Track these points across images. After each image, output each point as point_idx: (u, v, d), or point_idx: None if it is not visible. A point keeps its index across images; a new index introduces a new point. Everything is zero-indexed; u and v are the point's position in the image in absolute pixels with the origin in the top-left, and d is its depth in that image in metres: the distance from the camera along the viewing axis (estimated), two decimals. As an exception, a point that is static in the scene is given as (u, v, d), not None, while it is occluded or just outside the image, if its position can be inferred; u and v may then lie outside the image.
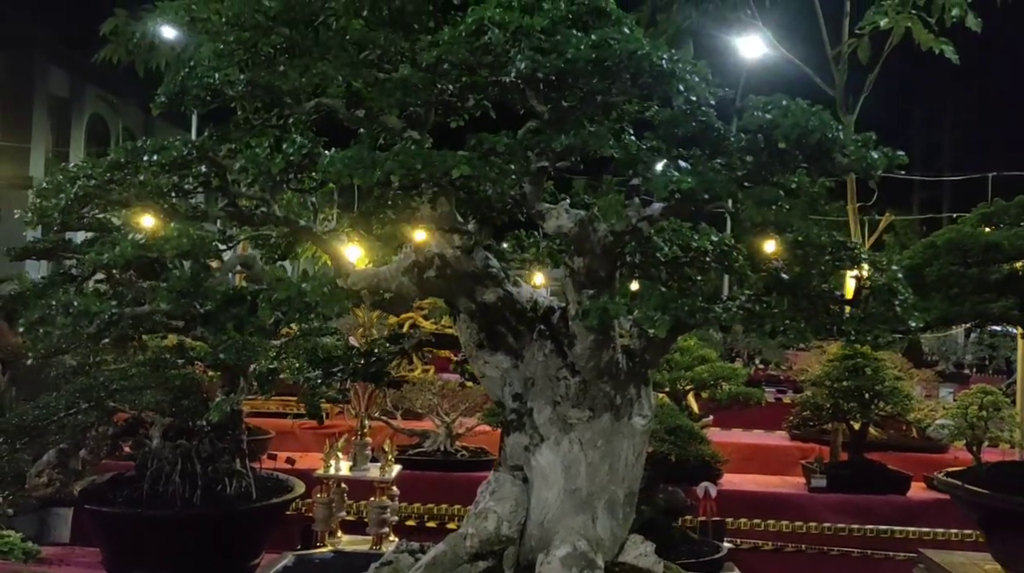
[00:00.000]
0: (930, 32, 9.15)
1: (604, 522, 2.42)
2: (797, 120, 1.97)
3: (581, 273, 2.30)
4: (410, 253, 2.44)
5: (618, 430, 2.43)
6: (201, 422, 4.38)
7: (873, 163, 1.96)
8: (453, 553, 2.45)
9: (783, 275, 2.18)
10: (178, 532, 4.18)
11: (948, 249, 3.59)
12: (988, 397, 8.47)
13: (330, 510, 4.56)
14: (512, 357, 2.54)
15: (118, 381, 4.24)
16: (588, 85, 1.96)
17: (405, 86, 2.09)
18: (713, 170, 2.01)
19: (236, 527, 4.31)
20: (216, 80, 2.26)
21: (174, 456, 4.31)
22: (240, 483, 4.38)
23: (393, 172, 1.88)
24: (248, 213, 2.43)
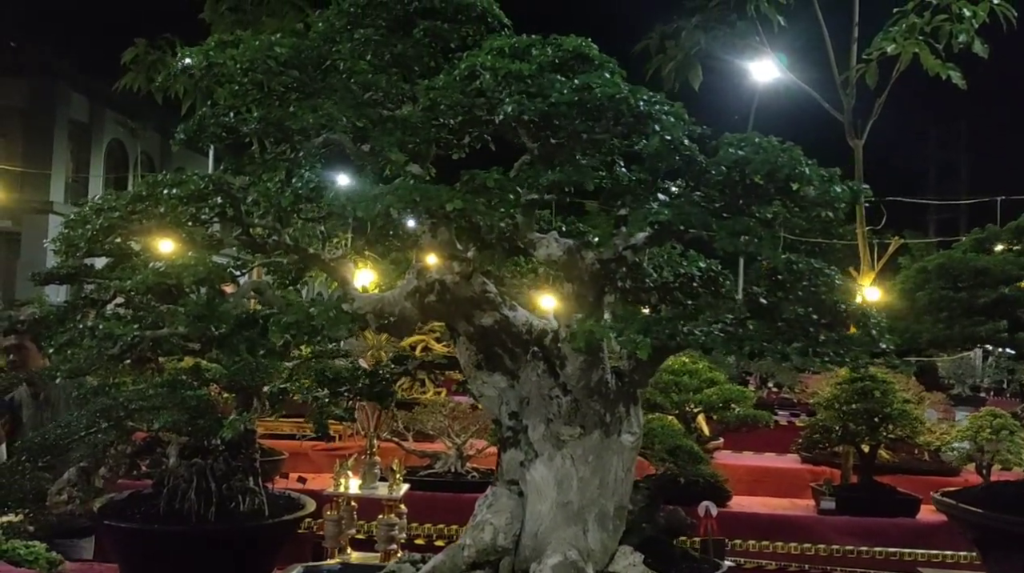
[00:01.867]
0: (937, 58, 9.26)
1: (595, 534, 2.55)
2: (767, 157, 2.11)
3: (570, 298, 2.45)
4: (412, 279, 2.59)
5: (608, 446, 2.56)
6: (216, 441, 4.52)
7: (836, 196, 2.09)
8: (452, 562, 2.58)
9: (762, 300, 2.31)
10: (193, 548, 4.31)
11: (939, 274, 3.70)
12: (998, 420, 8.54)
13: (340, 527, 4.69)
14: (508, 377, 2.68)
15: (137, 401, 4.39)
16: (572, 125, 2.11)
17: (405, 125, 2.25)
18: (690, 202, 2.15)
19: (249, 543, 4.44)
20: (232, 119, 2.43)
21: (190, 474, 4.45)
22: (253, 500, 4.51)
23: (392, 205, 2.03)
24: (261, 241, 2.59)
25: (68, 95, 30.92)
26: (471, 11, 2.53)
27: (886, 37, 9.65)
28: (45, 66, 29.19)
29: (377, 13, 2.51)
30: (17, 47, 28.54)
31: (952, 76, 9.37)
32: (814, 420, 7.62)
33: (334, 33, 2.54)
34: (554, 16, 3.19)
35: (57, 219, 30.53)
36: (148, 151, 35.03)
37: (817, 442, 7.76)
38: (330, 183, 2.24)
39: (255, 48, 2.41)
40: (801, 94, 10.69)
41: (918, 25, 9.63)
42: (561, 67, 2.20)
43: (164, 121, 32.73)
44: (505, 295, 2.65)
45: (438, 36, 2.52)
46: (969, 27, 9.44)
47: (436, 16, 2.52)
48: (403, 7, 2.51)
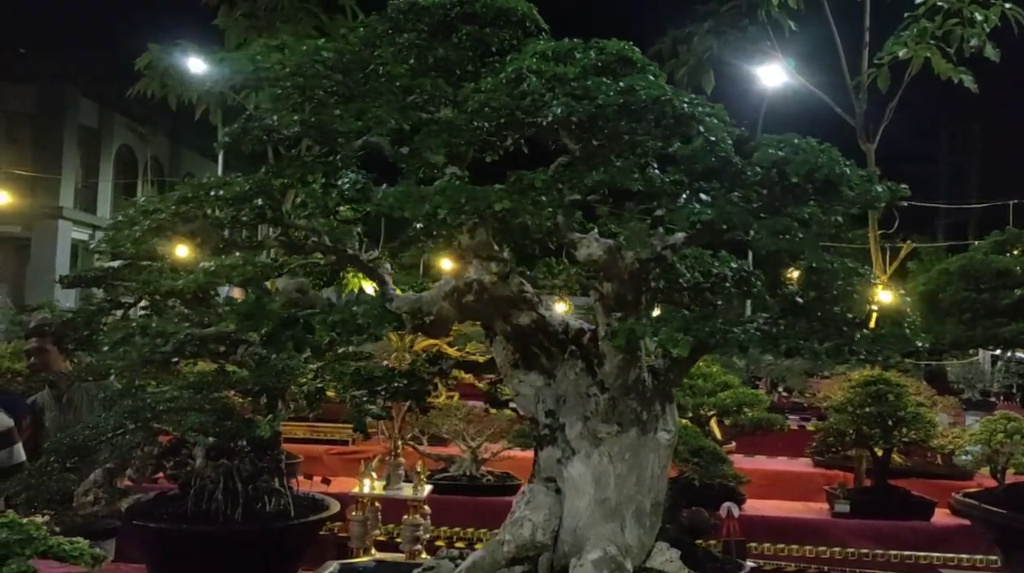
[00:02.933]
0: (949, 62, 9.30)
1: (632, 530, 2.59)
2: (807, 157, 2.15)
3: (610, 297, 2.49)
4: (450, 279, 2.63)
5: (644, 444, 2.60)
6: (241, 442, 4.57)
7: (877, 196, 2.13)
8: (492, 558, 2.62)
9: (798, 299, 2.35)
10: (221, 547, 4.36)
11: (961, 275, 3.74)
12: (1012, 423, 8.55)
13: (365, 527, 4.74)
14: (545, 376, 2.72)
15: (164, 403, 4.44)
16: (617, 127, 2.16)
17: (450, 127, 2.30)
18: (731, 202, 2.19)
19: (275, 543, 4.48)
20: (274, 122, 2.48)
21: (216, 475, 4.49)
22: (279, 501, 4.56)
23: (441, 206, 2.08)
24: (299, 243, 2.64)
25: (77, 100, 31.08)
26: (511, 16, 2.58)
27: (898, 41, 9.69)
28: (55, 72, 29.34)
29: (419, 18, 2.56)
30: (27, 53, 28.71)
31: (964, 80, 9.40)
32: (828, 423, 7.64)
33: (375, 38, 2.59)
34: (567, 21, 3.23)
35: (66, 224, 30.70)
36: (158, 156, 35.18)
37: (831, 445, 7.78)
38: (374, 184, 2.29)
39: (302, 53, 2.47)
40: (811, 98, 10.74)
41: (929, 29, 9.66)
42: (603, 70, 2.25)
43: (174, 126, 32.94)
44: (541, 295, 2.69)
45: (479, 40, 2.57)
46: (981, 31, 9.48)
47: (476, 21, 2.57)
48: (444, 12, 2.56)
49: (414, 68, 2.52)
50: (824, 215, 2.30)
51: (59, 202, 30.31)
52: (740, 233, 2.22)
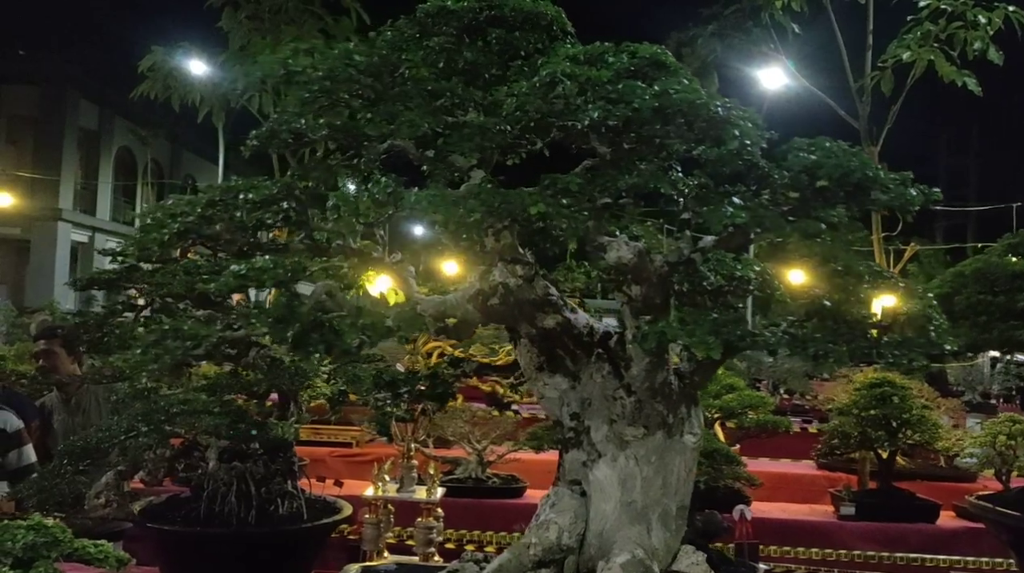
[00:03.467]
0: (952, 65, 9.34)
1: (658, 533, 2.60)
2: (840, 161, 2.16)
3: (638, 300, 2.50)
4: (475, 282, 2.64)
5: (670, 447, 2.61)
6: (254, 445, 4.58)
7: (911, 200, 2.14)
8: (518, 561, 2.62)
9: (825, 302, 2.36)
10: (235, 550, 4.36)
11: (976, 278, 3.75)
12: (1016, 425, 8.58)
13: (378, 530, 4.74)
14: (570, 379, 2.73)
15: (177, 405, 4.44)
16: (651, 131, 2.16)
17: (482, 131, 2.31)
18: (762, 206, 2.20)
19: (289, 546, 4.49)
20: (302, 125, 2.48)
21: (230, 477, 4.50)
22: (292, 504, 4.56)
23: (475, 210, 2.08)
24: (324, 246, 2.64)
25: (78, 102, 31.06)
26: (540, 20, 2.59)
27: (901, 44, 9.73)
28: (55, 74, 29.34)
29: (447, 21, 2.57)
30: (27, 55, 28.70)
31: (968, 83, 9.44)
32: (833, 425, 7.66)
33: (403, 41, 2.59)
34: (570, 23, 3.24)
35: (66, 226, 30.67)
36: (158, 158, 35.17)
37: (836, 447, 7.79)
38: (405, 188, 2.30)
39: (334, 56, 2.47)
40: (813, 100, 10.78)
41: (933, 32, 9.70)
42: (636, 74, 2.26)
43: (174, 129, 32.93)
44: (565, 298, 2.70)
45: (508, 44, 2.58)
46: (984, 34, 9.52)
47: (504, 24, 2.58)
48: (473, 15, 2.57)
49: (442, 71, 2.53)
50: (849, 219, 2.31)
51: (59, 204, 30.29)
52: (771, 236, 2.24)
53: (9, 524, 2.54)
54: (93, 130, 32.54)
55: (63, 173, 30.63)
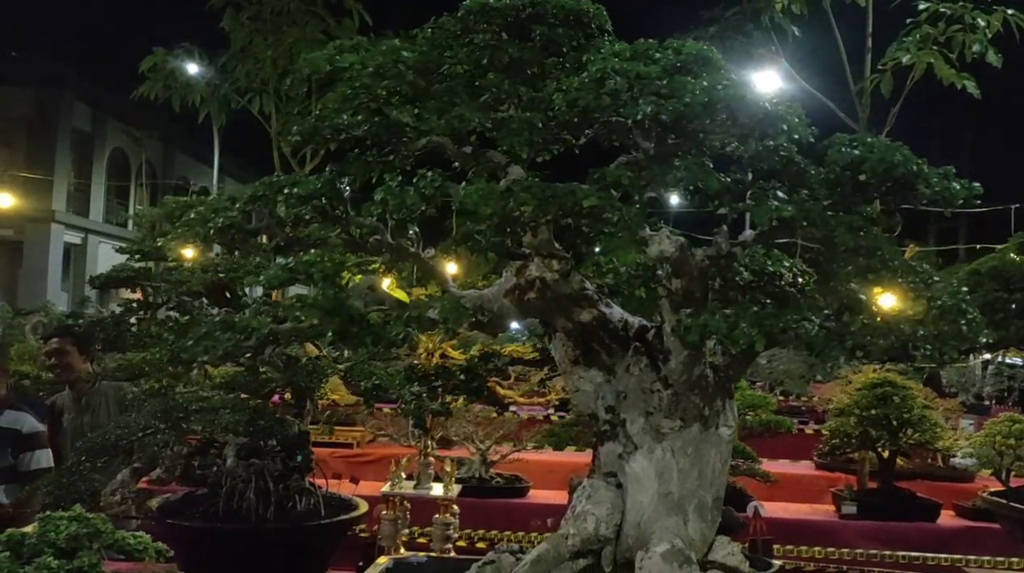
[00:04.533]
0: (951, 67, 9.42)
1: (694, 524, 2.64)
2: (883, 155, 2.20)
3: (678, 294, 2.53)
4: (511, 276, 2.67)
5: (706, 439, 2.65)
6: (271, 442, 4.60)
7: (954, 194, 2.19)
8: (556, 551, 2.66)
9: (860, 296, 2.40)
10: (254, 546, 4.38)
11: (991, 276, 3.80)
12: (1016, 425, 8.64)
13: (396, 526, 4.77)
14: (605, 372, 2.76)
15: (196, 402, 4.46)
16: (699, 125, 2.20)
17: (530, 125, 2.34)
18: (805, 200, 2.24)
19: (307, 542, 4.51)
20: (344, 121, 2.52)
21: (248, 474, 4.52)
22: (309, 501, 4.59)
23: (526, 203, 2.12)
24: (361, 240, 2.67)
25: (71, 104, 30.99)
26: (582, 17, 2.63)
27: (901, 47, 9.81)
28: (49, 75, 29.27)
29: (490, 19, 2.60)
30: (21, 57, 28.63)
31: (967, 85, 9.52)
32: (834, 425, 7.72)
33: (446, 38, 2.63)
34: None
35: (59, 228, 30.60)
36: (151, 160, 35.11)
37: (837, 447, 7.85)
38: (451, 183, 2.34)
39: (383, 52, 2.51)
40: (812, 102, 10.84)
41: (932, 35, 9.78)
42: (681, 70, 2.30)
43: (168, 130, 32.88)
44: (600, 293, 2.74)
45: (550, 41, 2.62)
46: (983, 37, 9.60)
47: (547, 22, 2.61)
48: (516, 13, 2.60)
49: (485, 68, 2.56)
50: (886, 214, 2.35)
51: (52, 205, 30.21)
52: (814, 230, 2.27)
53: (52, 515, 2.56)
54: (86, 131, 32.48)
55: (56, 175, 30.57)
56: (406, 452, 6.27)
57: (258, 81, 11.33)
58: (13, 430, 5.67)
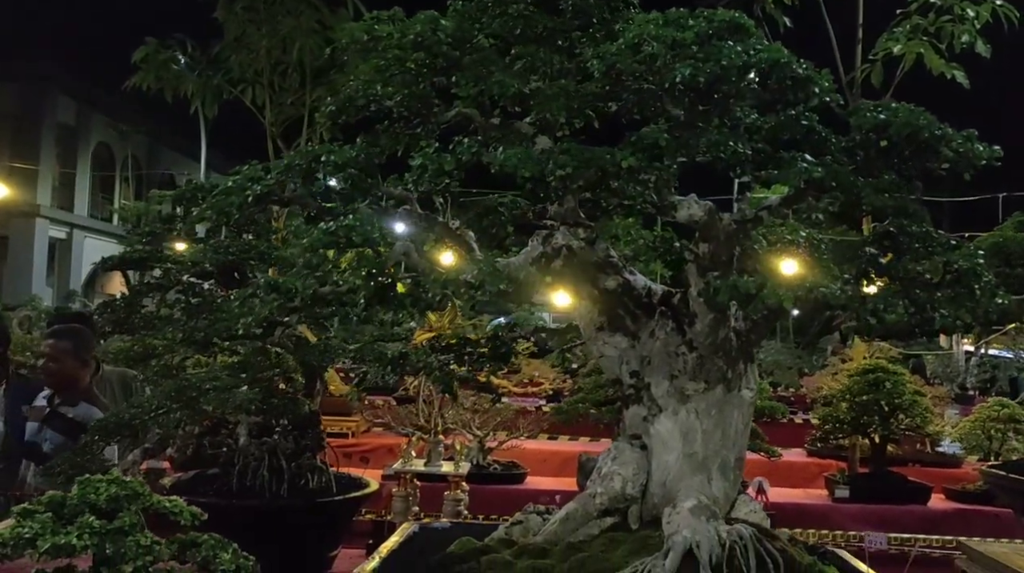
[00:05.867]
0: (941, 58, 9.52)
1: (718, 483, 2.72)
2: (909, 119, 2.28)
3: (705, 258, 2.61)
4: (537, 245, 2.74)
5: (729, 401, 2.73)
6: (283, 421, 4.65)
7: (978, 155, 2.27)
8: (584, 510, 2.74)
9: (880, 260, 2.49)
10: (268, 522, 4.43)
11: (992, 253, 3.89)
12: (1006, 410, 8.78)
13: (407, 503, 4.83)
14: (629, 338, 2.84)
15: (209, 382, 4.50)
16: (734, 89, 2.28)
17: (566, 92, 2.41)
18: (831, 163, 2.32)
19: (320, 518, 4.57)
20: (378, 91, 2.58)
21: (261, 452, 4.57)
22: (320, 478, 4.64)
23: (566, 164, 2.19)
24: (390, 210, 2.73)
25: (56, 98, 30.78)
26: (608, -12, 2.69)
27: (891, 38, 9.90)
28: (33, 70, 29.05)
29: (523, -10, 2.66)
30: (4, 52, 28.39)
31: (956, 76, 9.63)
32: (827, 411, 7.83)
33: (478, 10, 2.69)
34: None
35: (44, 223, 30.41)
36: (136, 154, 34.91)
37: (830, 433, 7.97)
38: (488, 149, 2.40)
39: (423, 21, 2.56)
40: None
41: (922, 26, 9.88)
42: (715, 36, 2.36)
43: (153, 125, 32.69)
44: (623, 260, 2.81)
45: (581, 12, 2.68)
46: (971, 27, 9.71)
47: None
48: (547, -17, 2.67)
49: (519, 38, 2.63)
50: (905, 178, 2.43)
51: (36, 200, 30.01)
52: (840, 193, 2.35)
53: (91, 479, 2.61)
54: (71, 126, 32.26)
55: (41, 169, 30.36)
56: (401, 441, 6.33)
57: (251, 71, 11.29)
58: (81, 424, 5.57)
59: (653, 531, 2.60)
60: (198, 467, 5.04)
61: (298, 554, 4.53)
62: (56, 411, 5.72)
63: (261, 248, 4.60)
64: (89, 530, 2.47)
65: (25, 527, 2.44)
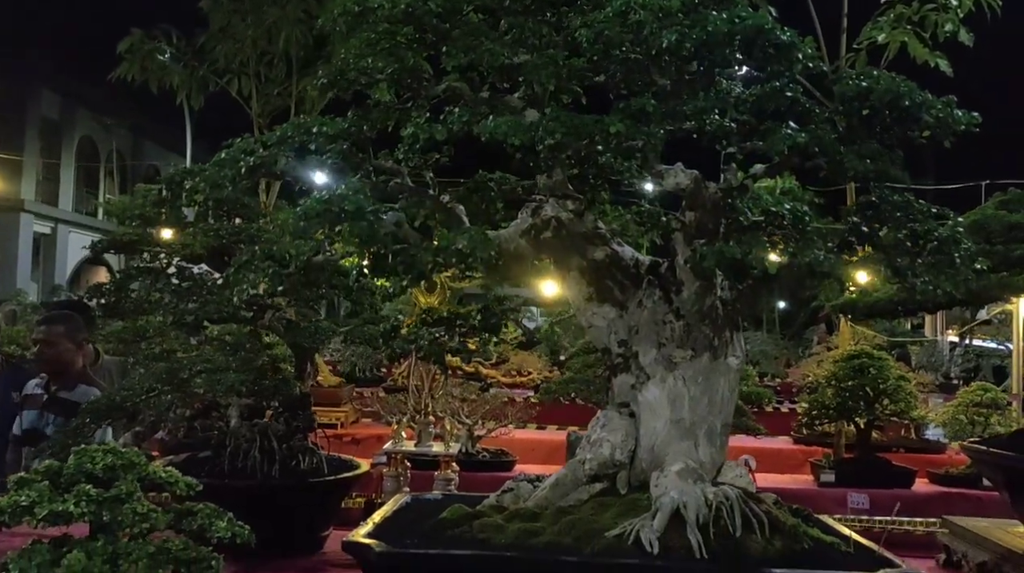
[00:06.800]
0: (925, 46, 9.60)
1: (705, 448, 2.77)
2: (889, 86, 2.34)
3: (692, 226, 2.66)
4: (527, 217, 2.78)
5: (715, 368, 2.78)
6: (274, 403, 4.68)
7: (957, 121, 2.33)
8: (573, 476, 2.78)
9: (863, 228, 2.54)
10: (260, 502, 4.45)
11: (974, 230, 3.95)
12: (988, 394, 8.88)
13: (398, 483, 4.87)
14: (618, 308, 2.89)
15: (200, 363, 4.52)
16: (719, 56, 2.32)
17: (555, 63, 2.45)
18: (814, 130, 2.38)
19: (312, 498, 4.59)
20: (369, 64, 2.61)
21: (252, 434, 4.59)
22: (312, 459, 4.67)
23: (555, 131, 2.23)
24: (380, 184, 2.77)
25: (39, 92, 30.60)
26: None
27: (875, 26, 9.97)
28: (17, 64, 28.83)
29: (509, -39, 2.69)
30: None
31: (940, 64, 9.71)
32: (813, 397, 7.91)
33: (465, -18, 2.72)
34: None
35: (28, 217, 30.22)
36: (120, 148, 34.72)
37: (816, 418, 8.06)
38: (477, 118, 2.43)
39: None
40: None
41: (906, 14, 9.96)
42: (700, 5, 2.41)
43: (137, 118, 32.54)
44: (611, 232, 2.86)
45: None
46: (955, 16, 9.79)
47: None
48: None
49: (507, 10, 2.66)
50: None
51: (21, 194, 29.84)
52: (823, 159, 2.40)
53: (87, 448, 2.63)
54: (54, 120, 32.07)
55: (24, 164, 30.18)
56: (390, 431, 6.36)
57: (237, 62, 11.26)
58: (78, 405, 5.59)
59: (641, 494, 2.65)
60: (189, 450, 5.06)
61: (290, 533, 4.56)
62: (55, 397, 5.76)
63: (251, 231, 4.63)
64: (86, 498, 2.50)
65: (23, 495, 2.47)
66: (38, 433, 5.62)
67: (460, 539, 2.55)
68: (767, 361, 16.50)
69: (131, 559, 2.47)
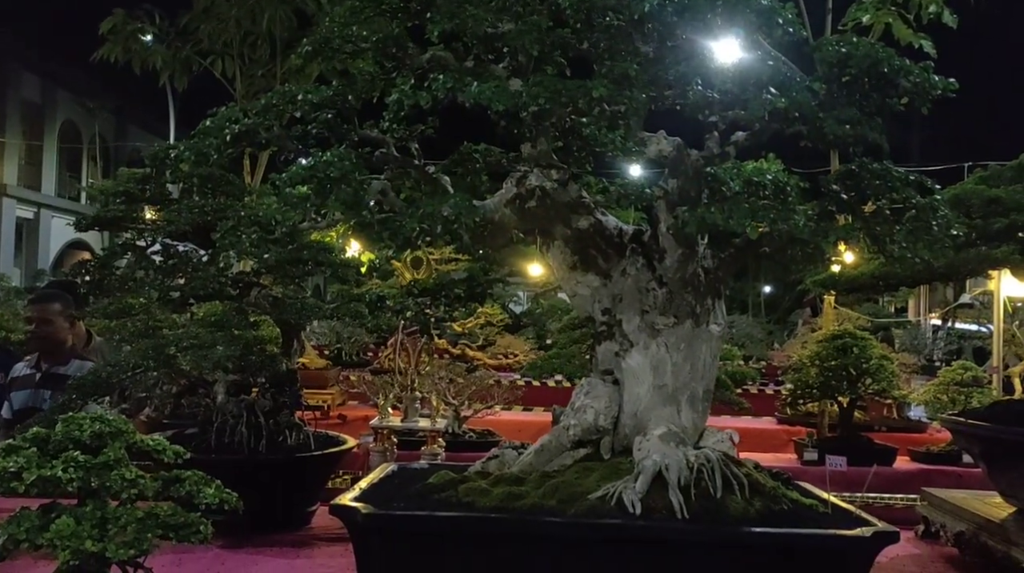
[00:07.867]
0: (909, 28, 9.68)
1: (687, 414, 2.81)
2: (868, 52, 2.37)
3: (674, 193, 2.69)
4: (511, 187, 2.81)
5: (698, 335, 2.82)
6: (260, 379, 4.70)
7: (933, 85, 2.36)
8: (558, 441, 2.82)
9: (843, 196, 2.58)
10: (247, 477, 4.47)
11: (953, 204, 3.99)
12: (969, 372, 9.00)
13: (385, 458, 4.90)
14: (601, 277, 2.92)
15: (187, 340, 4.53)
16: (701, 22, 2.35)
17: (539, 29, 2.47)
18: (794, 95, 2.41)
19: (299, 473, 4.62)
20: (354, 32, 2.62)
21: (239, 410, 4.61)
22: (298, 435, 4.70)
23: (539, 95, 2.25)
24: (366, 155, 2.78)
25: (20, 75, 30.34)
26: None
27: (860, 8, 10.05)
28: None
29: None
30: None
31: (924, 45, 9.79)
32: (796, 377, 8.00)
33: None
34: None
35: (11, 202, 30.02)
36: (103, 132, 34.49)
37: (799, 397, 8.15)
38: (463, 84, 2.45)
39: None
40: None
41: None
42: (686, -29, 2.43)
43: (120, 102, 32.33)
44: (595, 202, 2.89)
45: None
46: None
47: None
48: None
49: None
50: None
51: (3, 179, 29.64)
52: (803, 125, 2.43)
53: (74, 416, 2.65)
54: (36, 103, 31.83)
55: (6, 147, 29.97)
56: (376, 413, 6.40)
57: (221, 43, 11.23)
58: None
59: (624, 459, 2.69)
60: (175, 427, 5.07)
61: (276, 509, 4.59)
62: (49, 373, 5.78)
63: (236, 208, 4.61)
64: (74, 464, 2.51)
65: (11, 461, 2.48)
66: (33, 411, 5.64)
67: (446, 502, 2.59)
68: (753, 344, 16.63)
69: (120, 524, 2.49)
